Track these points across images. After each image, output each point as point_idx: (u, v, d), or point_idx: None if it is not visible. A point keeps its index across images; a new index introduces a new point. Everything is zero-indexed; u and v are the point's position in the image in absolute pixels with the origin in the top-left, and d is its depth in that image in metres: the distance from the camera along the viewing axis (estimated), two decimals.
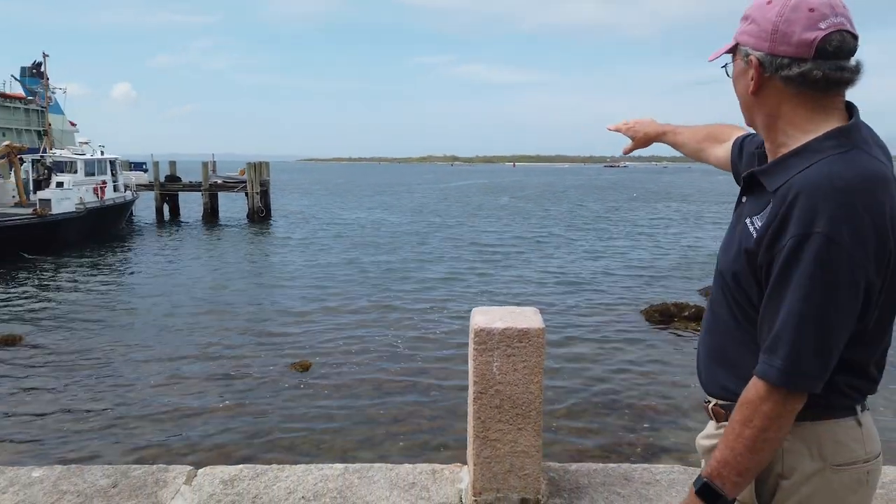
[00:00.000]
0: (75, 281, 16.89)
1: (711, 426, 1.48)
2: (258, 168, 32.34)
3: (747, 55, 1.31)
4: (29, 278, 17.16)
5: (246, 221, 31.90)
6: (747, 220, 1.27)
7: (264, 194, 32.95)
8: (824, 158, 1.20)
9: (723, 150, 1.71)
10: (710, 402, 1.46)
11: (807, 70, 1.23)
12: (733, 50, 1.37)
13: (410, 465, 2.86)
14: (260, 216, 32.06)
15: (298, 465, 2.86)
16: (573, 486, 2.69)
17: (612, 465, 2.89)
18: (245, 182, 32.75)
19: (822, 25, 1.21)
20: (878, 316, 1.24)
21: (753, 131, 1.54)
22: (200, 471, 2.83)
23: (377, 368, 9.55)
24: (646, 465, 2.86)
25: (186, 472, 2.80)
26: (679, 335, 11.62)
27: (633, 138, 2.00)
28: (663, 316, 12.52)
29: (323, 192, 63.77)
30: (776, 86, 1.28)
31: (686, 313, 12.46)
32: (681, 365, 9.91)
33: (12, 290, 15.58)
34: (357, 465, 2.85)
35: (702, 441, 1.50)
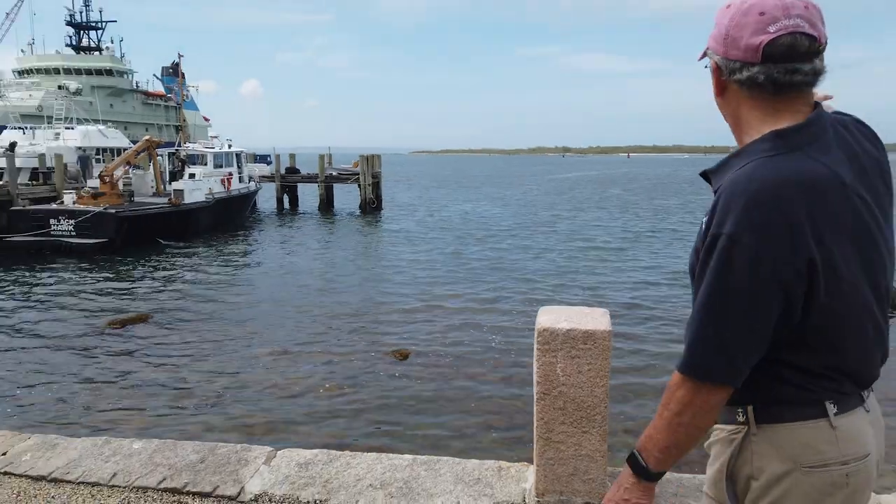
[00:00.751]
0: (202, 266, 18.24)
1: None
2: (370, 160, 33.39)
3: (710, 59, 1.36)
4: (162, 262, 18.73)
5: (358, 212, 33.05)
6: (704, 219, 1.29)
7: (376, 186, 33.97)
8: (754, 160, 1.23)
9: None
10: None
11: (753, 74, 1.26)
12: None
13: (477, 461, 2.87)
14: (371, 207, 33.12)
15: (369, 454, 2.95)
16: None
17: (686, 475, 2.76)
18: (358, 174, 33.91)
19: (771, 29, 1.22)
20: (818, 322, 1.23)
21: None
22: (279, 452, 2.99)
23: (472, 362, 9.62)
24: None
25: (266, 453, 2.97)
26: None
27: None
28: None
29: (433, 184, 64.85)
30: (733, 89, 1.32)
31: None
32: None
33: (147, 273, 17.07)
34: (425, 457, 2.90)
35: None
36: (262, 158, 43.75)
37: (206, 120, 68.63)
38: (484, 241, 22.54)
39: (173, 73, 42.84)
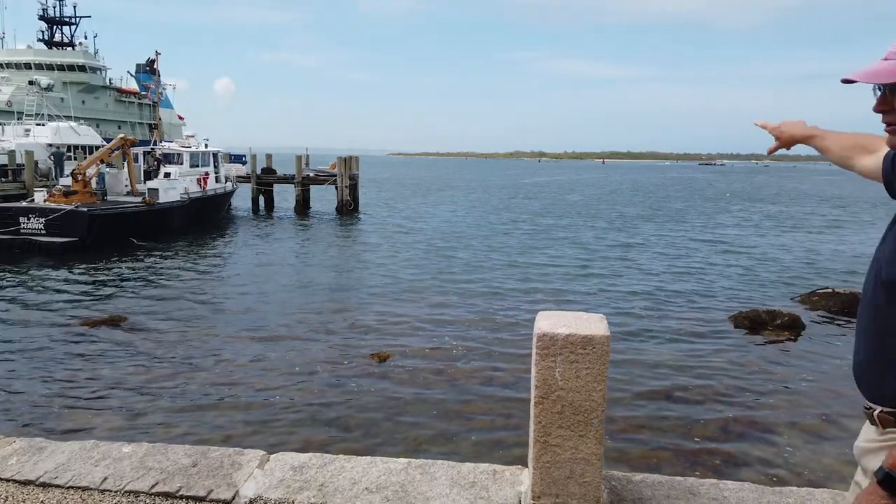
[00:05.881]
0: (178, 267, 17.99)
1: (872, 431, 1.56)
2: (348, 162, 33.26)
3: None
4: (137, 262, 18.42)
5: (335, 214, 32.88)
6: None
7: (353, 188, 33.85)
8: None
9: (872, 161, 1.74)
10: (871, 408, 1.55)
11: None
12: None
13: (472, 465, 2.89)
14: (348, 209, 32.98)
15: (364, 458, 2.95)
16: (636, 496, 2.64)
17: (678, 478, 2.81)
18: (335, 176, 33.75)
19: None
20: None
21: None
22: (272, 456, 2.97)
23: (450, 365, 9.65)
24: (714, 481, 2.77)
25: (259, 457, 2.95)
26: (770, 344, 11.08)
27: (777, 138, 2.05)
28: (753, 324, 11.96)
29: (409, 187, 64.75)
30: None
31: (778, 321, 11.86)
32: (768, 376, 9.45)
33: (121, 273, 16.78)
34: (420, 461, 2.91)
35: (862, 444, 1.60)
36: (238, 158, 43.24)
37: (181, 118, 67.74)
38: (456, 247, 22.30)
39: (149, 70, 42.23)
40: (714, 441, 7.36)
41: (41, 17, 58.95)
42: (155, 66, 34.53)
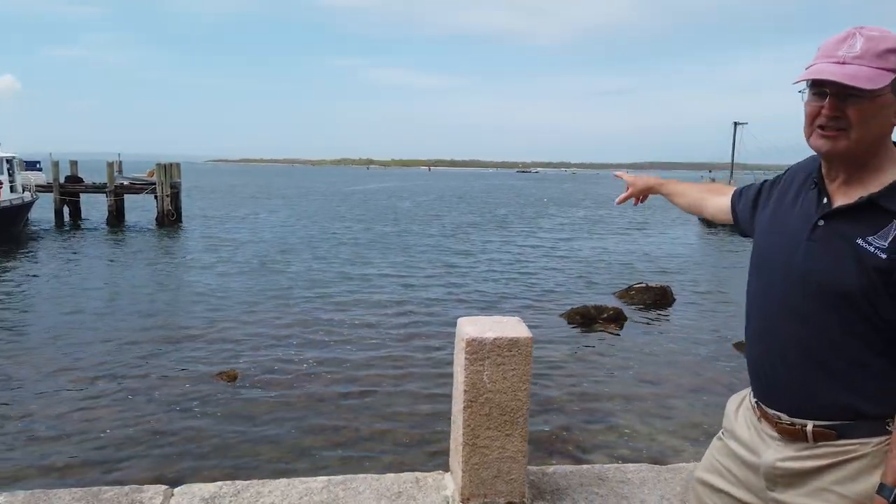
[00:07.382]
0: None
1: (789, 448, 1.47)
2: (169, 169, 30.97)
3: None
4: None
5: (155, 225, 30.48)
6: (859, 241, 1.34)
7: (175, 197, 31.57)
8: None
9: (724, 201, 1.91)
10: (796, 423, 1.45)
11: None
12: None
13: (394, 475, 2.89)
14: (170, 219, 30.72)
15: (281, 480, 2.83)
16: (553, 487, 2.81)
17: (585, 466, 3.03)
18: (154, 183, 31.28)
19: None
20: None
21: (745, 185, 1.80)
22: (177, 489, 2.74)
23: (303, 377, 9.44)
24: (618, 465, 3.03)
25: (163, 492, 2.71)
26: (600, 335, 12.15)
27: (631, 184, 2.22)
28: (584, 318, 13.00)
29: (235, 196, 61.75)
30: None
31: (605, 315, 13.02)
32: (604, 365, 10.34)
33: None
34: (340, 477, 2.85)
35: (785, 464, 1.46)
36: (31, 165, 38.38)
37: None
38: (288, 259, 21.36)
39: None
40: (564, 430, 7.91)
41: None
42: None
